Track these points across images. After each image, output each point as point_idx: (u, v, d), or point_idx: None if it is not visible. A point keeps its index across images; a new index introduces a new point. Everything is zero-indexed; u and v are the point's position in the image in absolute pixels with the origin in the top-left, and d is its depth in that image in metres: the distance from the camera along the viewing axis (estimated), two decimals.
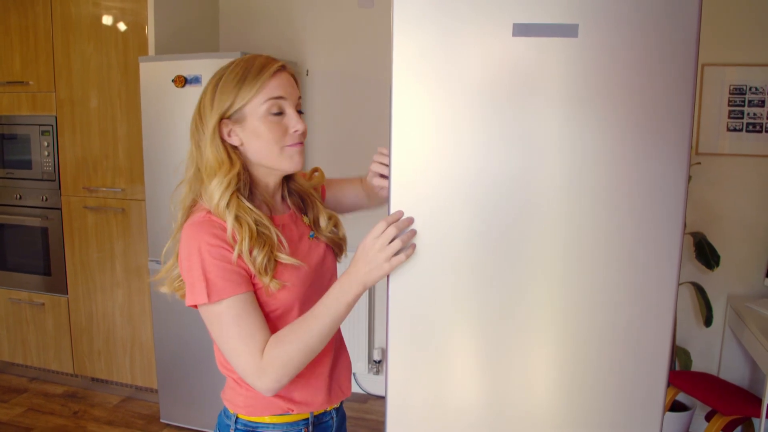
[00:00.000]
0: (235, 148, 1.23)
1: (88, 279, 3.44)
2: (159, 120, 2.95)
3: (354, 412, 3.40)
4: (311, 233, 1.35)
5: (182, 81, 2.83)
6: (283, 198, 1.36)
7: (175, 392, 3.14)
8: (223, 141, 1.22)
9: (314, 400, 1.31)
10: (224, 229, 1.16)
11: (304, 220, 1.37)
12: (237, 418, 1.29)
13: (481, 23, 1.13)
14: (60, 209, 3.44)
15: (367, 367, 3.54)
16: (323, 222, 1.38)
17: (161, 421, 3.22)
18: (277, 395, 1.25)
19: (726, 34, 2.86)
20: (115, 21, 3.13)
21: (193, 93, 2.84)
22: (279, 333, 1.16)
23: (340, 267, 1.44)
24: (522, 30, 1.10)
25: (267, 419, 1.27)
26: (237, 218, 1.17)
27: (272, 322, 1.22)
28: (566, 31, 1.10)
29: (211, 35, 3.59)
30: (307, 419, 1.31)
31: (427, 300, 1.24)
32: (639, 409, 1.21)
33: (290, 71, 1.26)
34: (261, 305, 1.20)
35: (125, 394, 3.54)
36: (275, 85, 1.20)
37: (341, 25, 3.40)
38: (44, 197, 3.48)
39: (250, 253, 1.16)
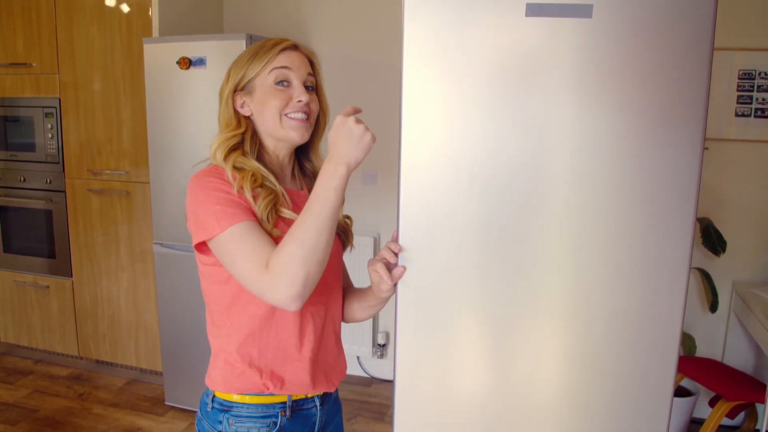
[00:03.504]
0: (247, 118, 1.31)
1: (92, 262, 3.45)
2: (163, 102, 2.93)
3: (357, 395, 3.42)
4: None
5: (187, 63, 2.81)
6: (295, 176, 1.39)
7: (179, 375, 3.15)
8: (236, 111, 1.30)
9: (293, 380, 1.28)
10: (225, 174, 1.23)
11: None
12: (214, 396, 1.29)
13: (494, 3, 1.11)
14: (64, 192, 3.44)
15: (371, 350, 3.54)
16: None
17: (166, 403, 3.24)
18: (255, 367, 1.25)
19: (735, 18, 2.83)
20: (119, 2, 3.11)
21: (198, 75, 2.82)
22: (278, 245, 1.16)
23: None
24: (535, 10, 1.09)
25: (241, 398, 1.26)
26: (237, 168, 1.24)
27: None
28: (580, 11, 1.08)
29: (215, 17, 3.56)
30: (285, 403, 1.28)
31: (436, 285, 1.23)
32: (648, 395, 1.21)
33: (305, 51, 1.33)
34: None
35: (130, 377, 3.55)
36: (282, 58, 1.27)
37: (348, 6, 3.37)
38: (48, 180, 3.47)
39: (255, 199, 1.20)
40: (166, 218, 3.02)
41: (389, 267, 1.24)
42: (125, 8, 3.10)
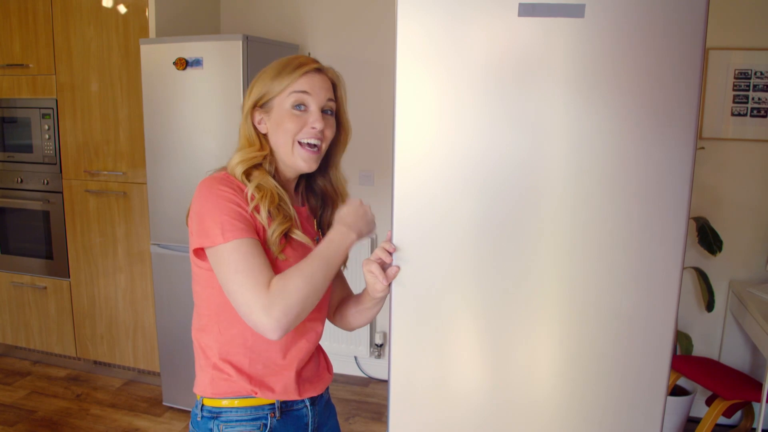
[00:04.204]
0: (264, 135, 1.31)
1: (90, 263, 3.45)
2: (160, 103, 2.94)
3: (355, 396, 3.42)
4: (317, 237, 1.38)
5: (183, 63, 2.82)
6: (298, 192, 1.40)
7: (177, 375, 3.15)
8: (254, 127, 1.31)
9: (281, 390, 1.28)
10: (242, 189, 1.23)
11: (314, 225, 1.41)
12: (203, 405, 1.29)
13: (486, 3, 1.11)
14: (61, 193, 3.44)
15: (369, 350, 3.55)
16: None
17: (163, 404, 3.24)
18: (245, 374, 1.25)
19: (731, 17, 2.84)
20: (116, 3, 3.11)
21: (195, 76, 2.82)
22: (283, 272, 1.18)
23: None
24: (528, 10, 1.09)
25: (230, 403, 1.27)
26: (259, 186, 1.24)
27: None
28: (572, 11, 1.08)
29: (212, 17, 3.56)
30: (273, 405, 1.28)
31: (430, 284, 1.24)
32: (642, 393, 1.21)
33: (329, 74, 1.33)
34: None
35: (128, 377, 3.55)
36: (303, 82, 1.27)
37: (344, 7, 3.38)
38: (45, 181, 3.47)
39: (269, 223, 1.22)
40: (163, 219, 3.02)
41: (384, 267, 1.24)
42: (122, 9, 3.10)
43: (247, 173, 1.26)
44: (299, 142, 1.27)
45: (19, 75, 3.41)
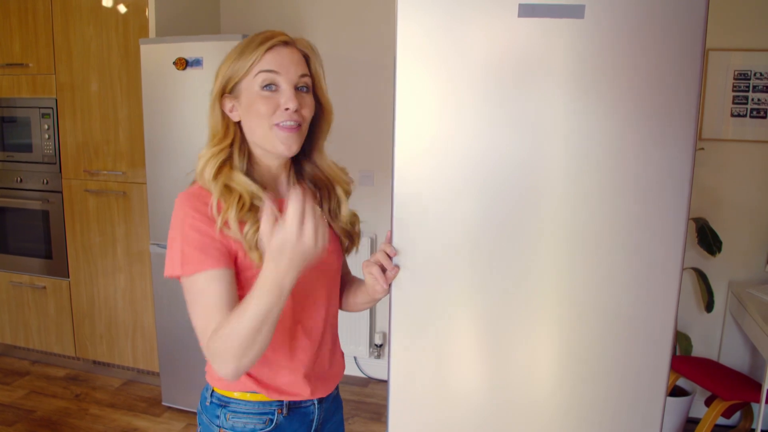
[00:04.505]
0: (236, 124, 1.22)
1: (89, 263, 3.44)
2: (160, 103, 2.93)
3: (354, 396, 3.42)
4: None
5: (183, 63, 2.81)
6: (290, 182, 1.31)
7: (176, 375, 3.15)
8: (224, 116, 1.22)
9: (290, 391, 1.27)
10: (208, 203, 1.15)
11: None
12: (213, 391, 1.29)
13: (486, 4, 1.11)
14: (61, 192, 3.43)
15: (368, 351, 3.55)
16: (344, 211, 1.32)
17: (163, 403, 3.24)
18: (251, 376, 1.24)
19: (731, 18, 2.84)
20: (116, 3, 3.11)
21: (195, 76, 2.82)
22: (221, 324, 1.06)
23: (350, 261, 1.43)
24: (528, 11, 1.09)
25: (239, 395, 1.26)
26: (227, 187, 1.15)
27: None
28: (572, 11, 1.08)
29: (212, 17, 3.56)
30: (282, 402, 1.27)
31: (430, 286, 1.24)
32: (641, 394, 1.21)
33: (299, 47, 1.21)
34: (248, 280, 1.14)
35: (127, 377, 3.55)
36: (269, 59, 1.16)
37: (344, 7, 3.37)
38: (45, 180, 3.47)
39: (242, 226, 1.13)
40: (162, 219, 3.02)
41: (383, 269, 1.24)
42: (122, 9, 3.10)
43: (216, 176, 1.16)
44: (276, 124, 1.16)
45: (18, 74, 3.41)
